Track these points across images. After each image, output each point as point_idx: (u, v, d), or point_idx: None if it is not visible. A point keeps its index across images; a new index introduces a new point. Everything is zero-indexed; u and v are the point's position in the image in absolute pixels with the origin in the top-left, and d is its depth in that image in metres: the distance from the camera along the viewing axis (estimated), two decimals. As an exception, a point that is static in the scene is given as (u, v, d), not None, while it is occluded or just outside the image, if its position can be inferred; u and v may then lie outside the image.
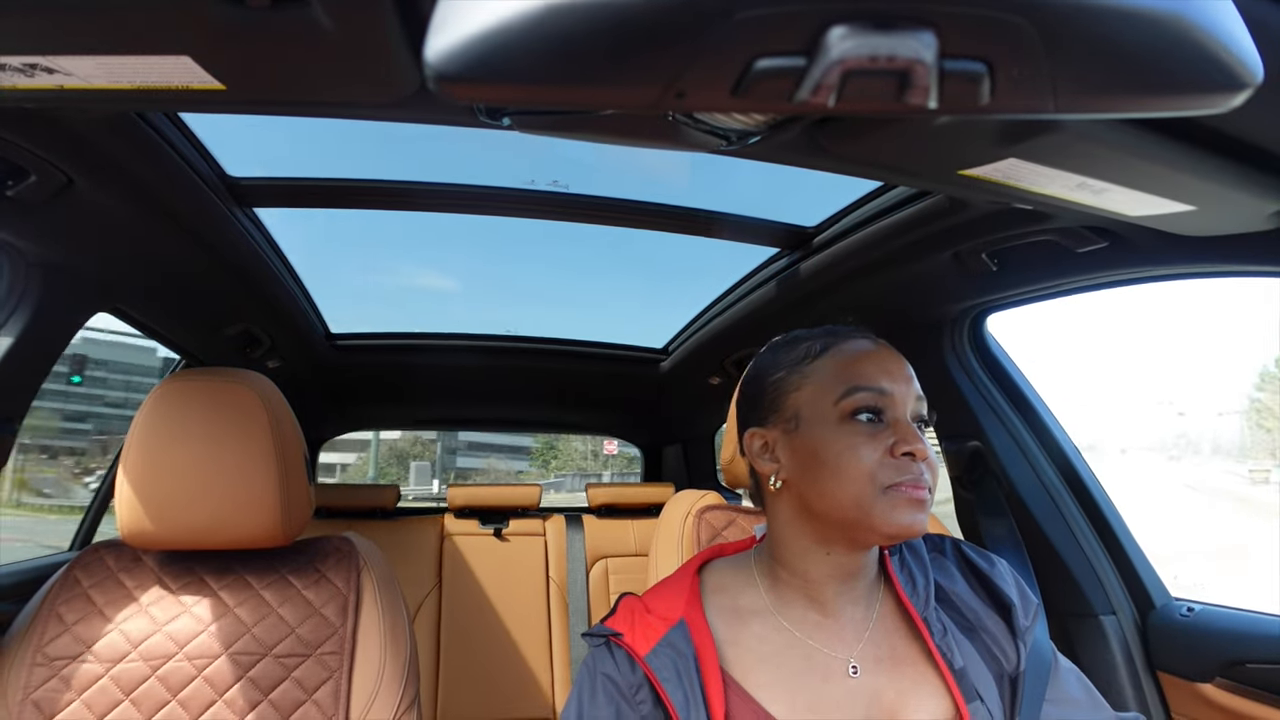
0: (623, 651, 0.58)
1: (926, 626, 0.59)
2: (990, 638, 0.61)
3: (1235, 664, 0.93)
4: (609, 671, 0.57)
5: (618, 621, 0.61)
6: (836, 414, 0.57)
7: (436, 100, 0.52)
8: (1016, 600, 0.63)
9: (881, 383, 0.57)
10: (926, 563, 0.65)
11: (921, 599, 0.61)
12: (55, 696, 0.76)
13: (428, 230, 8.72)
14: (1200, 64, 0.27)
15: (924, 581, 0.63)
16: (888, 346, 0.62)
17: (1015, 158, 0.58)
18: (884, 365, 0.59)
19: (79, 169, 0.78)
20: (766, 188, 1.49)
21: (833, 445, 0.56)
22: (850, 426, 0.56)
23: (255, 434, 0.83)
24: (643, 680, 0.56)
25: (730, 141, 0.57)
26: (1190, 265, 0.86)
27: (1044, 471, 1.20)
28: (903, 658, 0.59)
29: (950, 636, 0.60)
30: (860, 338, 0.62)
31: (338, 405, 2.21)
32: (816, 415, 0.58)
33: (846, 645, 0.59)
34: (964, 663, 0.58)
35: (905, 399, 0.58)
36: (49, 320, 1.00)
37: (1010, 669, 0.60)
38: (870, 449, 0.55)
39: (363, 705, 0.81)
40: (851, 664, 0.58)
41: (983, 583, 0.65)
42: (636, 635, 0.58)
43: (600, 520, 2.13)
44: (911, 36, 0.25)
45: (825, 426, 0.57)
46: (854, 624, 0.60)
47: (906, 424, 0.57)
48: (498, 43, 0.25)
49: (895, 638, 0.60)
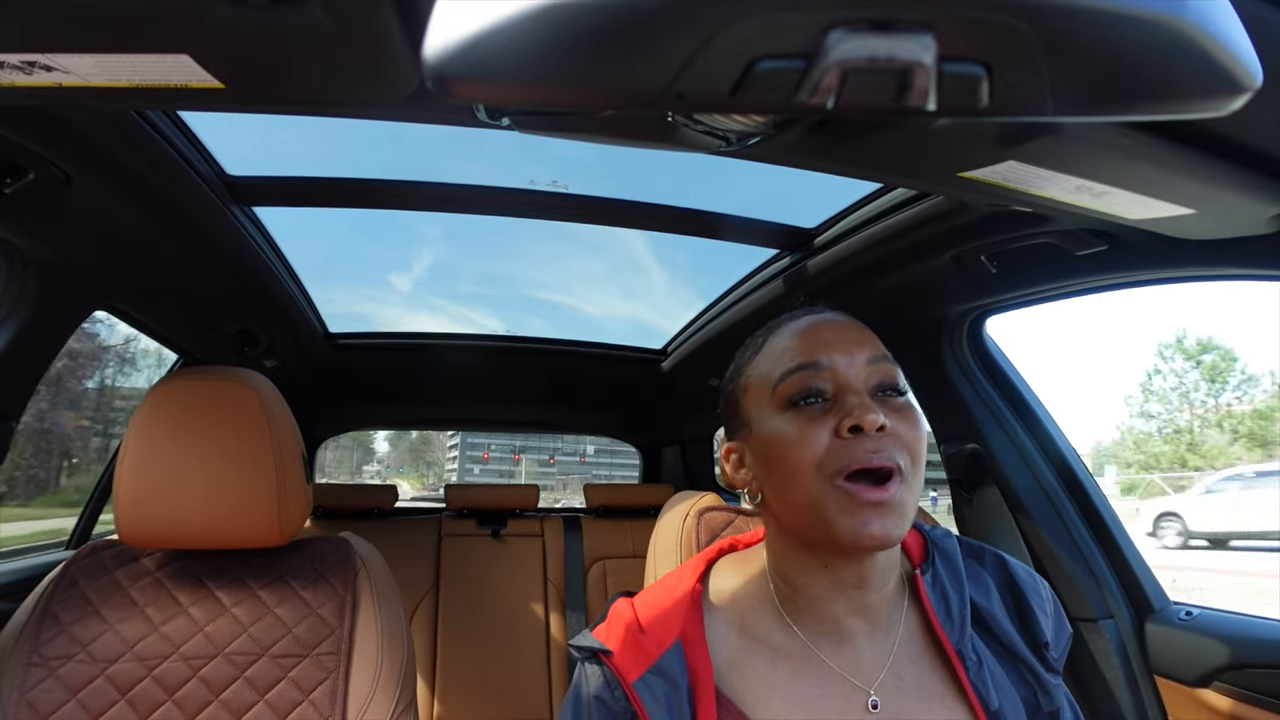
0: (613, 673, 0.52)
1: (961, 659, 0.52)
2: (1027, 667, 0.54)
3: (1234, 669, 0.93)
4: (601, 695, 0.52)
5: (608, 633, 0.55)
6: (776, 404, 0.51)
7: (436, 100, 0.52)
8: (1051, 637, 0.56)
9: (817, 356, 0.50)
10: (962, 576, 0.57)
11: (956, 625, 0.54)
12: (51, 697, 0.76)
13: (428, 230, 8.73)
14: (1199, 67, 0.27)
15: (959, 602, 0.55)
16: (830, 316, 0.55)
17: (1015, 160, 0.58)
18: (820, 337, 0.52)
19: (77, 167, 0.78)
20: (767, 189, 1.49)
21: (777, 441, 0.50)
22: (791, 415, 0.50)
23: (253, 433, 0.83)
24: (630, 707, 0.50)
25: (730, 143, 0.56)
26: (1190, 269, 0.86)
27: (1042, 475, 1.20)
28: (931, 692, 0.51)
29: (986, 669, 0.52)
30: (801, 314, 0.55)
31: (336, 405, 2.21)
32: (761, 413, 0.52)
33: (866, 674, 0.52)
34: (1000, 701, 0.51)
35: (851, 368, 0.50)
36: (46, 318, 1.00)
37: (1047, 705, 0.53)
38: (815, 434, 0.48)
39: (359, 706, 0.80)
40: (872, 698, 0.50)
41: (1018, 605, 0.57)
42: (626, 654, 0.52)
43: (598, 521, 2.13)
44: (910, 39, 0.25)
45: (770, 422, 0.51)
46: (874, 648, 0.53)
47: (855, 394, 0.49)
48: (496, 42, 0.25)
49: (922, 667, 0.53)
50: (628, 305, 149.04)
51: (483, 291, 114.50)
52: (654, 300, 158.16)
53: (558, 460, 47.44)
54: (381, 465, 47.00)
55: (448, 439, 48.29)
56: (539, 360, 2.01)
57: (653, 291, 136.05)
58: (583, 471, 45.48)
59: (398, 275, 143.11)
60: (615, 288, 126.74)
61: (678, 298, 17.05)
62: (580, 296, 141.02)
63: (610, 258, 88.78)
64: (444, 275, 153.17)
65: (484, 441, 45.87)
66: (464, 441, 46.37)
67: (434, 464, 52.70)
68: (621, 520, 2.13)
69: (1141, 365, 32.40)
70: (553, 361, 2.01)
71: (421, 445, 50.20)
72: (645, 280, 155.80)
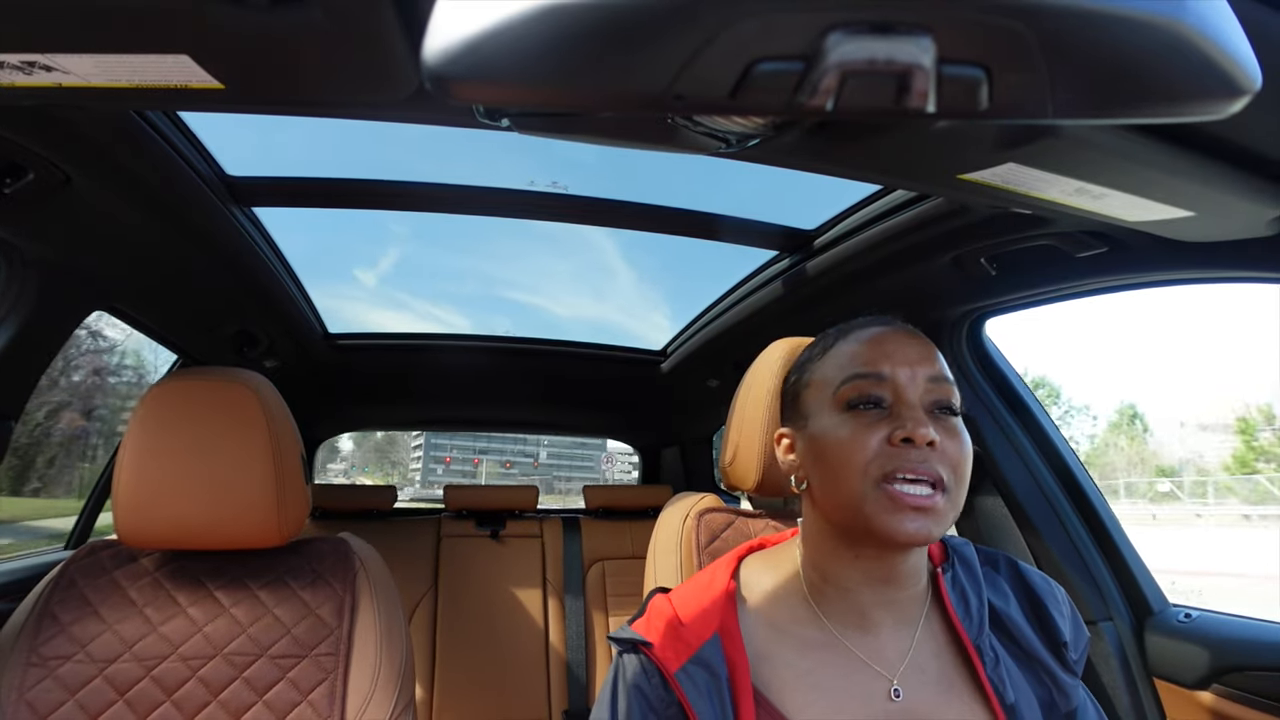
0: (652, 663, 0.55)
1: (979, 654, 0.55)
2: (1044, 668, 0.57)
3: (1233, 671, 0.93)
4: (640, 684, 0.54)
5: (648, 627, 0.57)
6: (836, 405, 0.54)
7: (435, 100, 0.52)
8: (1069, 638, 0.58)
9: (881, 367, 0.53)
10: (980, 579, 0.60)
11: (975, 623, 0.57)
12: (49, 697, 0.76)
13: (396, 228, 8.75)
14: (1198, 70, 0.27)
15: (978, 603, 0.58)
16: (900, 328, 0.57)
17: (1014, 162, 0.58)
18: (885, 348, 0.54)
19: (77, 167, 0.78)
20: (767, 190, 1.49)
21: (831, 438, 0.53)
22: (848, 416, 0.53)
23: (252, 434, 0.83)
24: (673, 697, 0.53)
25: (730, 144, 0.56)
26: (1189, 271, 0.87)
27: (1042, 477, 1.20)
28: (950, 685, 0.54)
29: (1003, 666, 0.55)
30: (872, 324, 0.58)
31: (335, 405, 2.21)
32: (820, 409, 0.55)
33: (889, 664, 0.54)
34: (1016, 697, 0.53)
35: (912, 382, 0.53)
36: (45, 318, 1.00)
37: (1064, 705, 0.56)
38: (868, 439, 0.51)
39: (358, 706, 0.80)
40: (895, 687, 0.53)
41: (1035, 608, 0.60)
42: (667, 647, 0.55)
43: (597, 522, 2.12)
44: (909, 41, 0.25)
45: (827, 419, 0.54)
46: (897, 640, 0.55)
47: (910, 408, 0.52)
48: (496, 43, 0.25)
49: (943, 661, 0.55)
50: (596, 306, 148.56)
51: (449, 289, 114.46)
52: (622, 301, 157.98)
53: (514, 463, 52.72)
54: (346, 464, 47.39)
55: (412, 439, 50.28)
56: (539, 361, 2.01)
57: (621, 293, 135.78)
58: (539, 473, 51.75)
59: (364, 270, 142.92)
60: (584, 288, 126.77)
61: (677, 299, 17.02)
62: (547, 295, 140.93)
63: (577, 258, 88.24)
64: (410, 272, 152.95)
65: (446, 443, 49.53)
66: (428, 442, 48.41)
67: (399, 463, 53.92)
68: (621, 521, 2.13)
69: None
70: (553, 363, 2.01)
71: (387, 445, 51.38)
72: (613, 282, 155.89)
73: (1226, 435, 31.57)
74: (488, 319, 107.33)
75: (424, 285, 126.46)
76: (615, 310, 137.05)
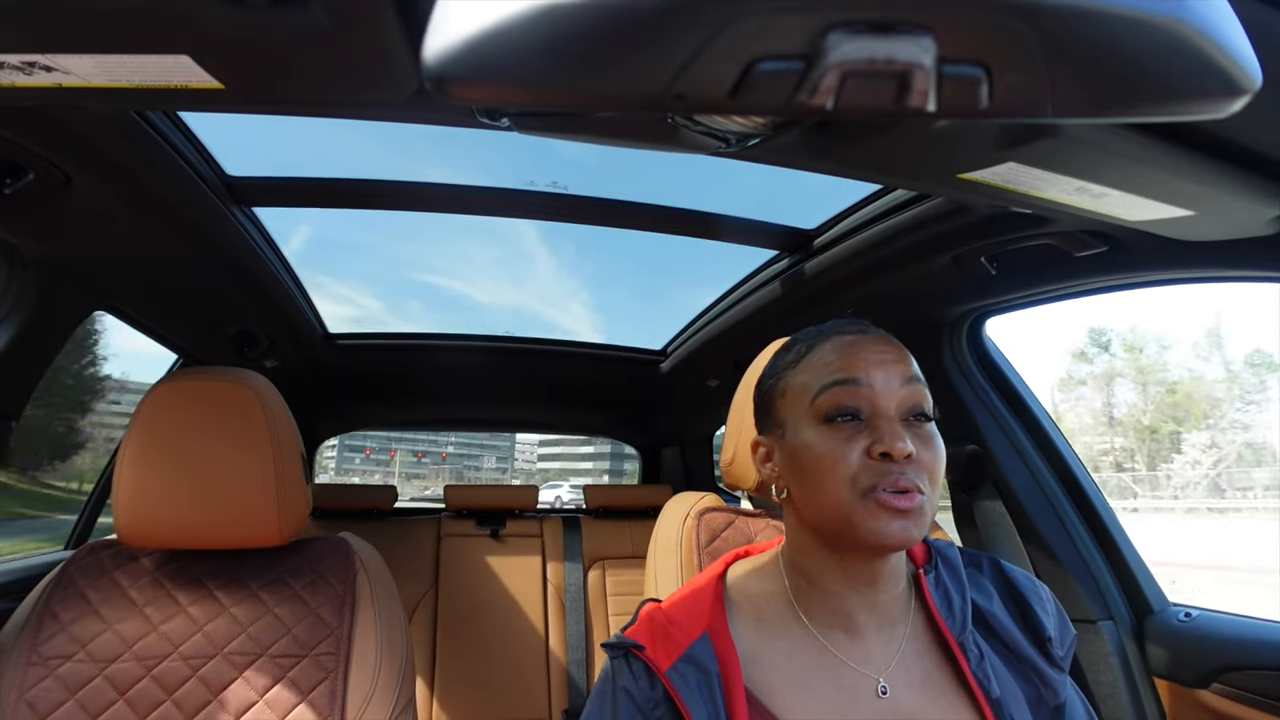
0: (642, 665, 0.55)
1: (962, 651, 0.55)
2: (1029, 664, 0.57)
3: (1233, 670, 0.93)
4: (627, 686, 0.54)
5: (638, 632, 0.58)
6: (813, 416, 0.54)
7: (435, 101, 0.52)
8: (1054, 633, 0.59)
9: (856, 375, 0.53)
10: (964, 580, 0.61)
11: (958, 622, 0.57)
12: (49, 696, 0.76)
13: (428, 230, 8.77)
14: (1198, 69, 0.27)
15: (960, 602, 0.59)
16: (875, 334, 0.57)
17: (1014, 162, 0.58)
18: (859, 355, 0.54)
19: (77, 167, 0.78)
20: (767, 190, 1.50)
21: (811, 451, 0.53)
22: (826, 429, 0.53)
23: (252, 434, 0.83)
24: (662, 696, 0.53)
25: (729, 144, 0.57)
26: (1189, 270, 0.87)
27: (1042, 476, 1.20)
28: (936, 682, 0.55)
29: (987, 662, 0.56)
30: (847, 331, 0.58)
31: (335, 405, 2.21)
32: (798, 419, 0.55)
33: (875, 664, 0.55)
34: (1001, 692, 0.54)
35: (887, 391, 0.53)
36: (46, 318, 1.00)
37: (1051, 700, 0.56)
38: (848, 451, 0.52)
39: (358, 706, 0.80)
40: (881, 685, 0.54)
41: (1019, 606, 0.60)
42: (658, 648, 0.56)
43: (597, 522, 2.12)
44: (909, 40, 0.25)
45: (805, 431, 0.55)
46: (883, 642, 0.56)
47: (887, 421, 0.52)
48: (496, 44, 0.25)
49: (928, 660, 0.56)
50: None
51: (360, 268, 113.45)
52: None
53: (426, 453, 57.71)
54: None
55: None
56: (538, 361, 2.01)
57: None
58: (448, 464, 55.91)
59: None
60: (504, 274, 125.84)
61: (677, 299, 17.15)
62: (464, 280, 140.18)
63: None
64: (322, 249, 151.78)
65: (361, 442, 52.78)
66: (340, 441, 51.18)
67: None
68: (621, 521, 2.13)
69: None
70: (552, 362, 2.01)
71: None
72: (531, 268, 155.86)
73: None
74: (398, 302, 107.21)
75: (330, 263, 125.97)
76: (533, 298, 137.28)
